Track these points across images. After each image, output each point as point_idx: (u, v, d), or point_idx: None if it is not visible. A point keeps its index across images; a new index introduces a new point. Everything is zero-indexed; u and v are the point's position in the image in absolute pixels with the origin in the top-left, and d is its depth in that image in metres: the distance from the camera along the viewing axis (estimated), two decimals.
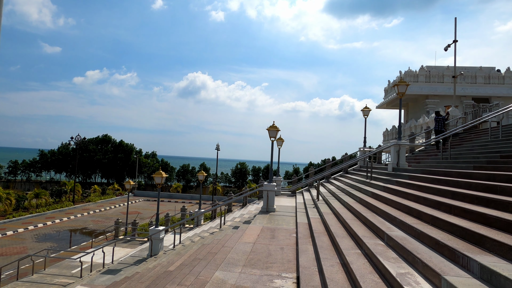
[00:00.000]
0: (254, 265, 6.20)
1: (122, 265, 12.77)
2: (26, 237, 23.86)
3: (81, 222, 29.82)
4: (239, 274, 5.70)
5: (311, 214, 10.64)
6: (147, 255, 13.60)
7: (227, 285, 5.20)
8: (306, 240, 7.60)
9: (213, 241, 9.89)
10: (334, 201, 11.26)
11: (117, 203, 41.46)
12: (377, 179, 11.85)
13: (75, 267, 15.41)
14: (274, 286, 5.22)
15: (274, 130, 13.21)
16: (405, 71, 26.88)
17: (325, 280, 4.73)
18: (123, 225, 21.95)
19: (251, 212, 14.57)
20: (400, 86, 12.68)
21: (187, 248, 11.29)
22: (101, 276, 11.55)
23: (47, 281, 13.44)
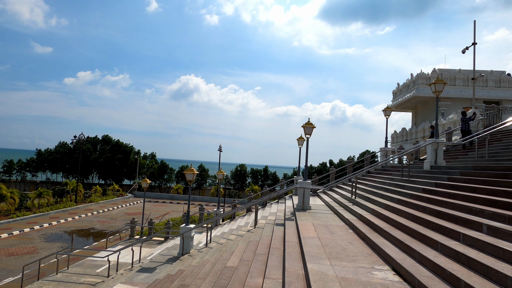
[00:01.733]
0: (339, 258, 6.03)
1: (154, 263, 12.43)
2: (34, 237, 23.15)
3: (86, 223, 29.14)
4: (332, 266, 5.52)
5: (352, 211, 10.53)
6: (177, 253, 13.29)
7: (329, 277, 5.01)
8: (373, 235, 7.46)
9: (262, 237, 9.67)
10: (367, 202, 11.17)
11: (119, 203, 40.72)
12: (416, 177, 11.82)
13: (98, 266, 14.98)
14: (378, 277, 5.06)
15: (309, 127, 13.09)
16: (417, 73, 27.13)
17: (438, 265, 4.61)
18: (133, 225, 21.45)
19: (282, 210, 14.36)
20: (438, 84, 12.70)
21: (229, 246, 11.03)
22: (137, 274, 11.20)
23: (74, 280, 13.01)
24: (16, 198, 28.21)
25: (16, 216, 27.12)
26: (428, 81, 26.43)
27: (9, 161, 55.54)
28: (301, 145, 19.44)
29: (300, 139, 19.36)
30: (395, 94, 32.20)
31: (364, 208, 10.55)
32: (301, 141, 19.39)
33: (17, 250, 19.97)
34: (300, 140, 19.36)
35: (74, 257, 16.45)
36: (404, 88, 29.89)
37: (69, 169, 56.95)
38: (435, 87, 12.74)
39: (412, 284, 4.72)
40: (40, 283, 12.59)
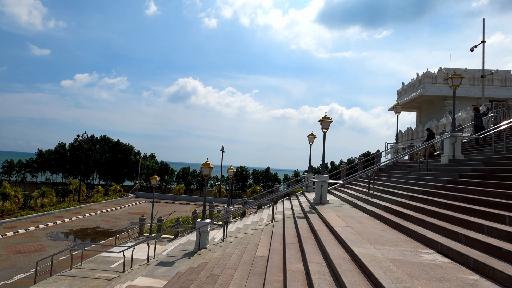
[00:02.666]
0: (379, 243, 5.99)
1: (171, 258, 12.32)
2: (40, 236, 22.92)
3: (91, 222, 28.90)
4: (377, 250, 5.48)
5: (374, 204, 10.52)
6: (194, 248, 13.19)
7: (380, 258, 4.97)
8: (405, 223, 7.43)
9: (286, 229, 9.61)
10: (387, 195, 11.16)
11: (121, 203, 40.46)
12: (434, 171, 11.85)
13: (111, 262, 14.84)
14: (428, 259, 5.03)
15: (327, 121, 13.08)
16: (423, 72, 27.27)
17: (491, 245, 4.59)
18: (142, 222, 21.30)
19: (297, 205, 14.31)
20: (455, 78, 12.75)
21: (250, 239, 10.95)
22: (156, 268, 11.09)
23: (89, 275, 12.87)
24: (20, 197, 27.96)
25: (20, 215, 26.86)
26: (434, 80, 26.58)
27: (9, 162, 55.12)
28: (311, 142, 19.42)
29: (311, 136, 19.34)
30: (399, 93, 32.33)
31: (385, 200, 10.53)
32: (311, 138, 19.37)
33: (24, 248, 19.75)
34: (311, 137, 19.35)
35: (85, 254, 16.28)
36: (409, 87, 30.02)
37: (69, 169, 56.57)
38: (452, 82, 12.78)
39: (466, 264, 4.69)
40: (56, 278, 12.43)
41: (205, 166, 13.42)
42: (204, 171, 13.44)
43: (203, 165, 13.46)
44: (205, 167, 13.40)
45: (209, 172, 13.44)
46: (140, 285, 9.40)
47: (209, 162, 13.50)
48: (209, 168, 13.41)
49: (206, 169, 13.39)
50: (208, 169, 13.38)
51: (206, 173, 13.40)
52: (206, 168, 13.40)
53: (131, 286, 9.24)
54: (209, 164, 13.46)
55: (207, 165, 13.42)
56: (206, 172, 13.40)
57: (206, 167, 13.38)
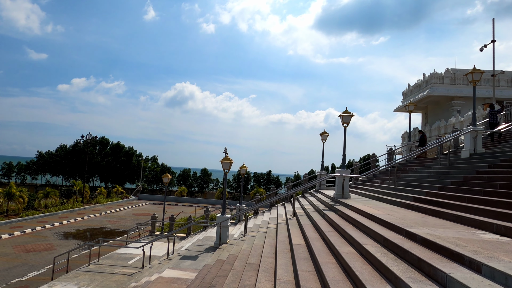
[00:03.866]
0: (429, 226, 5.96)
1: (193, 253, 12.19)
2: (47, 235, 22.62)
3: (97, 222, 28.61)
4: (431, 231, 5.45)
5: (400, 196, 10.51)
6: (214, 243, 13.08)
7: (443, 237, 4.94)
8: (446, 210, 7.42)
9: (315, 220, 9.56)
10: (412, 188, 11.18)
11: (124, 205, 40.13)
12: (457, 164, 11.89)
13: (128, 258, 14.67)
14: (488, 237, 5.01)
15: (348, 116, 13.10)
16: (430, 73, 27.48)
17: None
18: (154, 220, 21.10)
19: (316, 201, 14.26)
20: (475, 73, 12.84)
21: (276, 232, 10.87)
22: (181, 261, 10.96)
23: (108, 271, 12.71)
24: (25, 197, 27.64)
25: (26, 215, 26.53)
26: (441, 80, 26.79)
27: (8, 164, 54.58)
28: (324, 139, 19.45)
29: (324, 134, 19.39)
30: (405, 94, 32.53)
31: (411, 192, 10.52)
32: (324, 136, 19.41)
33: (33, 247, 19.47)
34: (324, 135, 19.39)
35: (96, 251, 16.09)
36: (415, 88, 30.23)
37: (69, 171, 56.11)
38: (472, 76, 12.87)
39: None
40: (75, 273, 12.25)
41: (225, 160, 13.36)
42: (224, 166, 13.38)
43: (223, 160, 13.40)
44: (225, 162, 13.34)
45: (230, 166, 13.39)
46: (170, 276, 9.28)
47: (229, 157, 13.45)
48: (229, 163, 13.36)
49: (226, 164, 13.33)
50: (228, 164, 13.33)
51: (226, 167, 13.34)
52: (226, 163, 13.34)
53: (161, 278, 9.12)
54: (229, 158, 13.40)
55: (227, 159, 13.36)
56: (226, 166, 13.34)
57: (226, 161, 13.33)
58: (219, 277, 7.73)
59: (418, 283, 3.63)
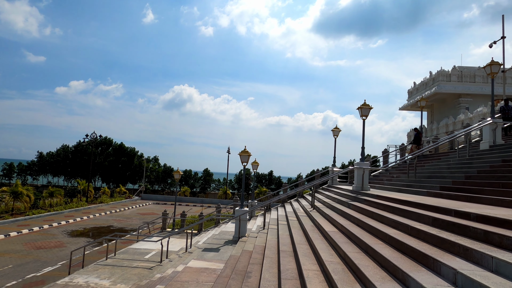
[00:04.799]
0: (472, 209, 5.93)
1: (213, 246, 12.09)
2: (55, 233, 22.43)
3: (103, 221, 28.41)
4: (476, 210, 5.42)
5: (423, 187, 10.49)
6: (233, 237, 12.99)
7: (501, 215, 4.91)
8: (479, 196, 7.40)
9: (344, 209, 9.51)
10: (435, 179, 11.18)
11: (128, 205, 39.91)
12: (477, 156, 11.90)
13: (144, 253, 14.56)
14: None
15: (366, 108, 13.08)
16: (437, 70, 27.60)
17: None
18: (165, 217, 21.00)
19: (333, 196, 14.21)
20: (493, 66, 12.88)
21: (299, 223, 10.81)
22: (203, 253, 10.86)
23: (127, 265, 12.60)
24: (31, 196, 27.42)
25: (32, 214, 26.31)
26: (448, 78, 26.89)
27: (9, 164, 54.22)
28: (336, 135, 19.45)
29: (335, 130, 19.38)
30: (410, 93, 32.63)
31: (436, 183, 10.50)
32: (336, 132, 19.41)
33: (43, 244, 19.28)
34: (336, 131, 19.38)
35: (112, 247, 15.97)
36: (421, 86, 30.34)
37: (71, 172, 55.80)
38: (490, 69, 12.91)
39: None
40: (94, 267, 12.13)
41: (243, 153, 13.31)
42: (242, 159, 13.32)
43: (241, 153, 13.35)
44: (243, 155, 13.28)
45: (248, 159, 13.33)
46: (197, 266, 9.19)
47: (247, 150, 13.39)
48: (248, 156, 13.30)
49: (245, 157, 13.28)
50: (246, 157, 13.27)
51: (245, 160, 13.28)
52: (244, 156, 13.28)
53: (188, 268, 9.03)
54: (247, 152, 13.35)
55: (246, 152, 13.30)
56: (245, 159, 13.28)
57: (245, 154, 13.27)
58: (253, 264, 7.65)
59: (495, 252, 3.59)
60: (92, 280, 10.63)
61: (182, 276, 8.35)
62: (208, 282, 7.94)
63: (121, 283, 10.47)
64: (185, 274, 8.47)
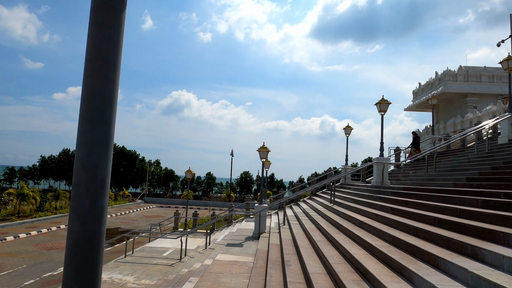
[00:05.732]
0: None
1: (235, 241, 12.03)
2: (64, 235, 22.21)
3: (110, 223, 28.20)
4: None
5: (444, 179, 10.52)
6: (253, 233, 12.94)
7: None
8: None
9: (374, 202, 9.50)
10: (456, 172, 11.21)
11: (132, 208, 39.70)
12: (497, 150, 11.96)
13: (161, 251, 14.46)
14: None
15: (385, 104, 13.15)
16: (443, 70, 27.81)
17: None
18: (177, 216, 20.90)
19: (352, 191, 14.20)
20: (510, 61, 13.00)
21: (321, 218, 10.79)
22: (227, 248, 10.80)
23: (147, 262, 12.51)
24: (37, 198, 27.21)
25: (39, 216, 26.11)
26: (454, 78, 27.09)
27: (10, 169, 53.86)
28: (348, 133, 19.50)
29: (348, 128, 19.44)
30: (415, 94, 32.83)
31: (459, 175, 10.52)
32: (348, 130, 19.46)
33: (54, 245, 19.11)
34: (348, 129, 19.44)
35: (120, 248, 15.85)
36: (426, 87, 30.54)
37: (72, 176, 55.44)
38: (507, 64, 13.04)
39: None
40: (115, 264, 12.02)
41: (262, 149, 13.30)
42: (261, 155, 13.31)
43: (260, 149, 13.34)
44: (262, 151, 13.28)
45: (267, 155, 13.31)
46: (226, 260, 9.13)
47: (266, 146, 13.38)
48: (267, 152, 13.29)
49: (264, 153, 13.27)
50: (265, 153, 13.26)
51: (264, 156, 13.26)
52: (263, 152, 13.27)
53: (217, 261, 8.96)
54: (266, 147, 13.34)
55: (265, 148, 13.30)
56: (264, 155, 13.27)
57: (264, 150, 13.26)
58: (288, 255, 7.61)
59: None
60: (115, 276, 10.53)
61: (213, 268, 8.29)
62: (243, 273, 7.89)
63: (145, 279, 10.38)
64: (216, 267, 8.41)
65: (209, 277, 7.46)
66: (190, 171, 21.80)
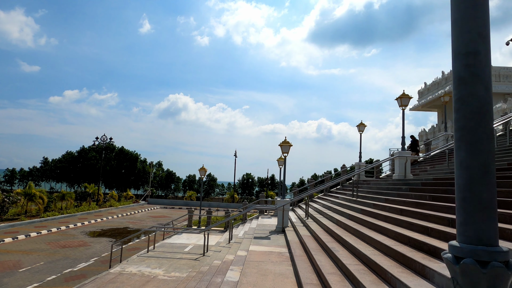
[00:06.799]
0: None
1: (261, 235, 12.01)
2: (75, 234, 22.04)
3: (117, 223, 28.03)
4: None
5: None
6: (277, 227, 12.93)
7: None
8: None
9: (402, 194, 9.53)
10: None
11: (136, 209, 39.49)
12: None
13: (182, 247, 14.41)
14: None
15: (406, 98, 13.25)
16: (450, 70, 28.05)
17: None
18: (191, 214, 20.85)
19: (371, 185, 14.25)
20: None
21: (349, 209, 10.80)
22: (258, 240, 10.78)
23: (170, 257, 12.45)
24: (45, 198, 27.00)
25: (47, 216, 25.89)
26: None
27: (11, 170, 53.41)
28: (361, 131, 19.59)
29: (361, 125, 19.54)
30: (421, 93, 33.08)
31: None
32: (362, 127, 19.57)
33: (67, 243, 18.93)
34: (361, 126, 19.54)
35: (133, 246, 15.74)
36: (433, 86, 30.80)
37: (73, 178, 55.10)
38: None
39: None
40: (139, 258, 11.95)
41: (284, 144, 13.33)
42: (283, 149, 13.33)
43: (282, 143, 13.36)
44: (284, 145, 13.30)
45: (289, 150, 13.34)
46: (260, 250, 9.12)
47: (288, 141, 13.41)
48: (289, 146, 13.32)
49: (286, 147, 13.29)
50: (288, 147, 13.29)
51: (286, 151, 13.29)
52: (286, 146, 13.30)
53: (253, 252, 8.95)
54: (288, 142, 13.37)
55: (287, 143, 13.32)
56: (286, 150, 13.29)
57: (286, 145, 13.29)
58: (330, 242, 7.62)
59: None
60: (144, 269, 10.47)
61: (251, 257, 8.27)
62: (283, 261, 7.88)
63: (174, 272, 10.33)
64: (254, 256, 8.39)
65: (251, 265, 7.44)
66: (204, 168, 21.76)
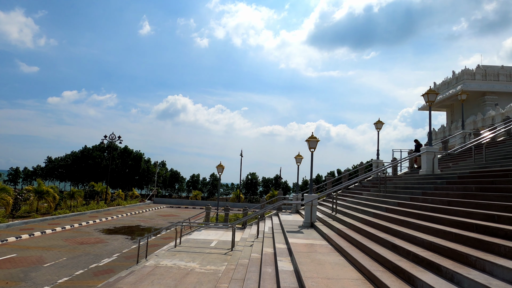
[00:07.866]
0: None
1: (292, 229, 12.00)
2: (89, 231, 21.93)
3: (128, 221, 27.92)
4: None
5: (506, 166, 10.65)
6: (304, 222, 12.92)
7: None
8: None
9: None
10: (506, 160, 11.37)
11: (144, 208, 39.37)
12: None
13: (207, 242, 14.39)
14: None
15: (433, 94, 13.29)
16: (461, 69, 28.21)
17: None
18: (208, 210, 20.85)
19: (396, 181, 14.26)
20: None
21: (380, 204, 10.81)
22: (293, 234, 10.76)
23: (199, 251, 12.42)
24: (56, 195, 26.87)
25: (58, 214, 25.76)
26: (473, 76, 27.51)
27: (14, 169, 53.15)
28: (379, 128, 19.65)
29: (379, 123, 19.59)
30: None
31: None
32: (379, 125, 19.62)
33: (84, 240, 18.83)
34: (379, 124, 19.60)
35: (168, 236, 15.69)
36: (443, 86, 30.93)
37: (78, 177, 54.86)
38: None
39: None
40: (170, 253, 11.91)
41: (311, 139, 13.33)
42: (310, 145, 13.34)
43: (309, 139, 13.37)
44: (312, 140, 13.31)
45: (316, 145, 13.35)
46: (301, 243, 9.10)
47: (315, 136, 13.42)
48: (316, 141, 13.33)
49: (313, 142, 13.30)
50: (315, 142, 13.30)
51: (313, 146, 13.30)
52: (313, 141, 13.31)
53: (294, 244, 8.93)
54: (315, 137, 13.38)
55: (314, 138, 13.33)
56: (313, 145, 13.30)
57: (313, 140, 13.30)
58: (382, 233, 7.62)
59: None
60: (178, 263, 10.43)
61: (297, 248, 8.26)
62: (330, 252, 7.87)
63: (209, 265, 10.30)
64: (299, 248, 8.37)
65: (302, 256, 7.43)
66: (221, 165, 21.72)
